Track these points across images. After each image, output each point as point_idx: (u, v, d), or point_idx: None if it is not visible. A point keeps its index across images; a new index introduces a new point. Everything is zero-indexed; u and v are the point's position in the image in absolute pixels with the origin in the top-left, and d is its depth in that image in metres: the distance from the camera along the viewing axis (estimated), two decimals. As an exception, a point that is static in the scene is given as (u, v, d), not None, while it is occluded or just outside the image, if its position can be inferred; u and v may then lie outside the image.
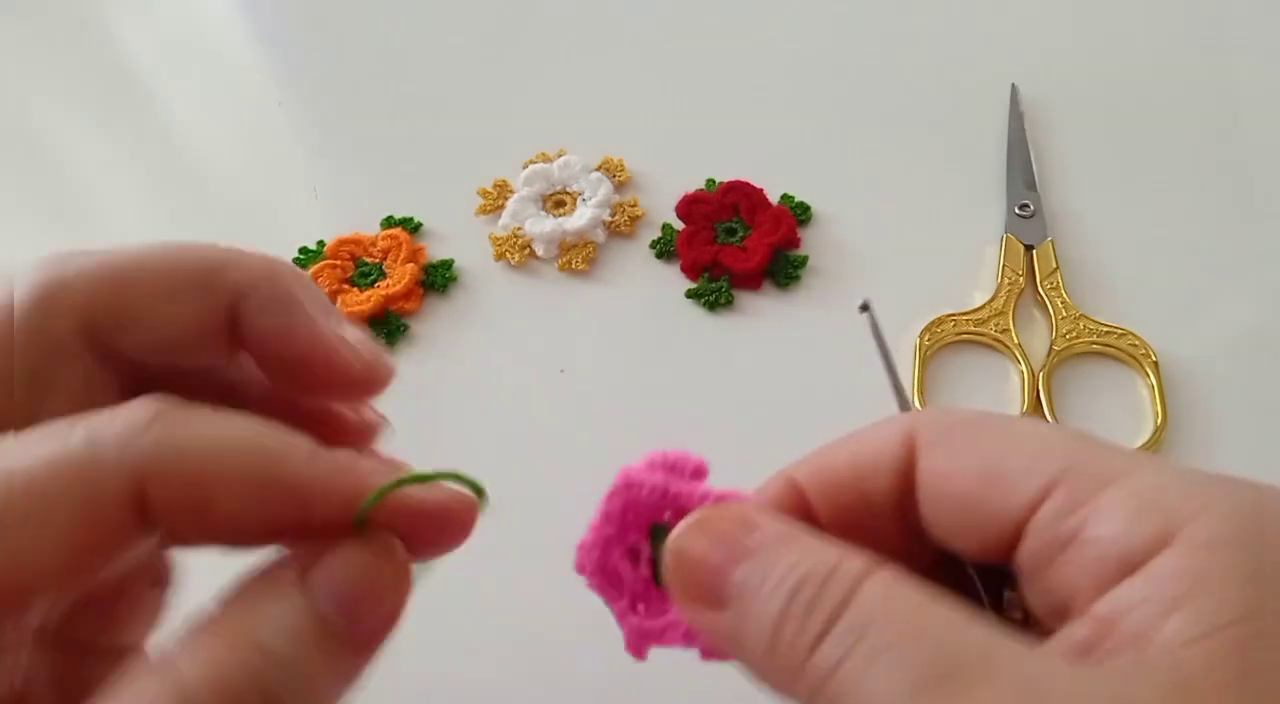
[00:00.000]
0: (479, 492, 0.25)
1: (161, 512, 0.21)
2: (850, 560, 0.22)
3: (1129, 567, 0.21)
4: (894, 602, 0.21)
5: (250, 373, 0.28)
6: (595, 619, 0.27)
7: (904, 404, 0.28)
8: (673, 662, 0.27)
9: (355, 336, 0.27)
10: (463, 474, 0.25)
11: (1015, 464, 0.23)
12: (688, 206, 0.58)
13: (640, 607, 0.27)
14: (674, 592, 0.24)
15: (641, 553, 0.27)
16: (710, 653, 0.26)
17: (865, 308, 0.30)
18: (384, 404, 0.54)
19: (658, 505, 0.26)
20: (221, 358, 0.27)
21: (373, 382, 0.27)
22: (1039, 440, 0.23)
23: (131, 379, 0.26)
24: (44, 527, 0.20)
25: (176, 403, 0.22)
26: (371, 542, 0.23)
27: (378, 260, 0.57)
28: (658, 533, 0.26)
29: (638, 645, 0.26)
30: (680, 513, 0.26)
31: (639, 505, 0.26)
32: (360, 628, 0.22)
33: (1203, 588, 0.20)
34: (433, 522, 0.24)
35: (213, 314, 0.26)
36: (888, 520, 0.25)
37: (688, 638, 0.26)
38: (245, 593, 0.22)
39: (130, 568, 0.24)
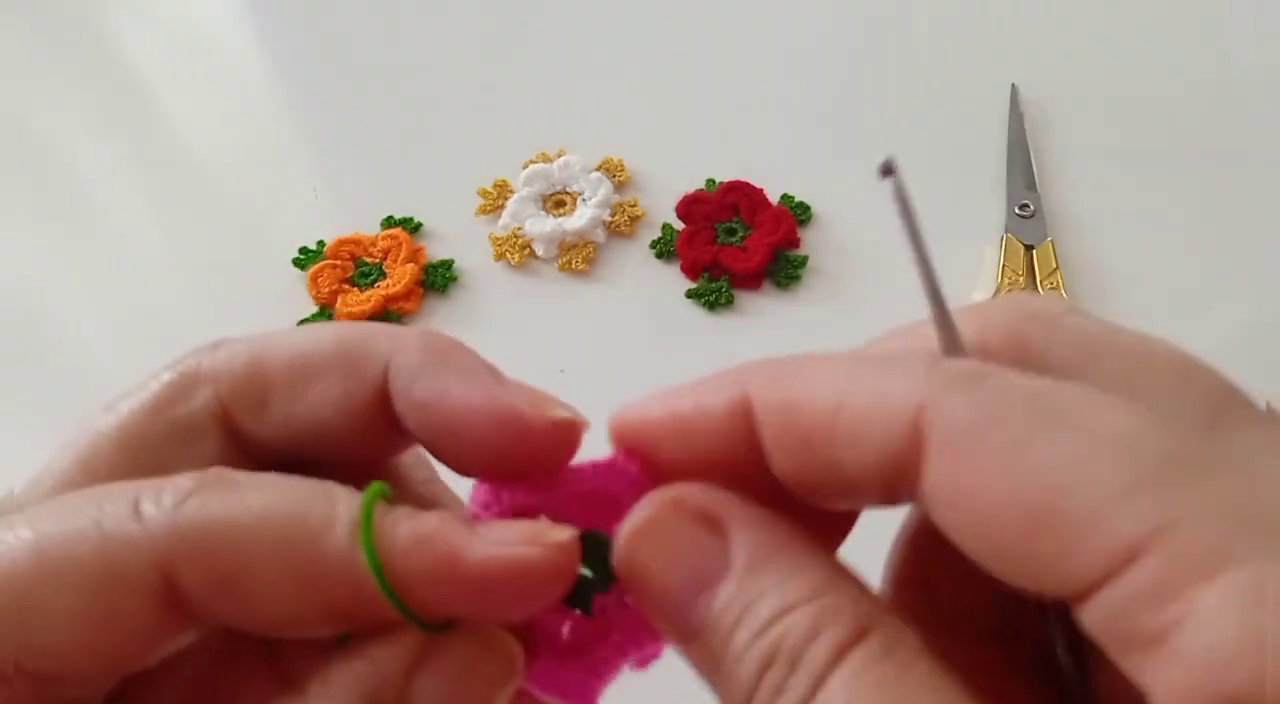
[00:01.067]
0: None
1: (192, 597, 0.19)
2: (831, 628, 0.18)
3: None
4: (864, 698, 0.17)
5: (425, 472, 0.25)
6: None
7: (934, 293, 0.21)
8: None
9: (531, 393, 0.23)
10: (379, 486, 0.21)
11: (1080, 507, 0.16)
12: (688, 206, 0.58)
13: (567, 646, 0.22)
14: (641, 607, 0.21)
15: None
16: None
17: (889, 170, 0.22)
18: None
19: (539, 504, 0.22)
20: (381, 446, 0.24)
21: (558, 442, 0.22)
22: (1116, 469, 0.16)
23: (282, 469, 0.22)
24: (53, 608, 0.19)
25: (227, 473, 0.20)
26: (470, 638, 0.21)
27: (378, 260, 0.57)
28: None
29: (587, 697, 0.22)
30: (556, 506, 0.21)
31: (520, 512, 0.22)
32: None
33: None
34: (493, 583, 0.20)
35: (360, 392, 0.22)
36: (857, 497, 0.20)
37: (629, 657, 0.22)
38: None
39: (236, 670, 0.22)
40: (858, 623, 0.18)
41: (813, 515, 0.20)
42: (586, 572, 0.21)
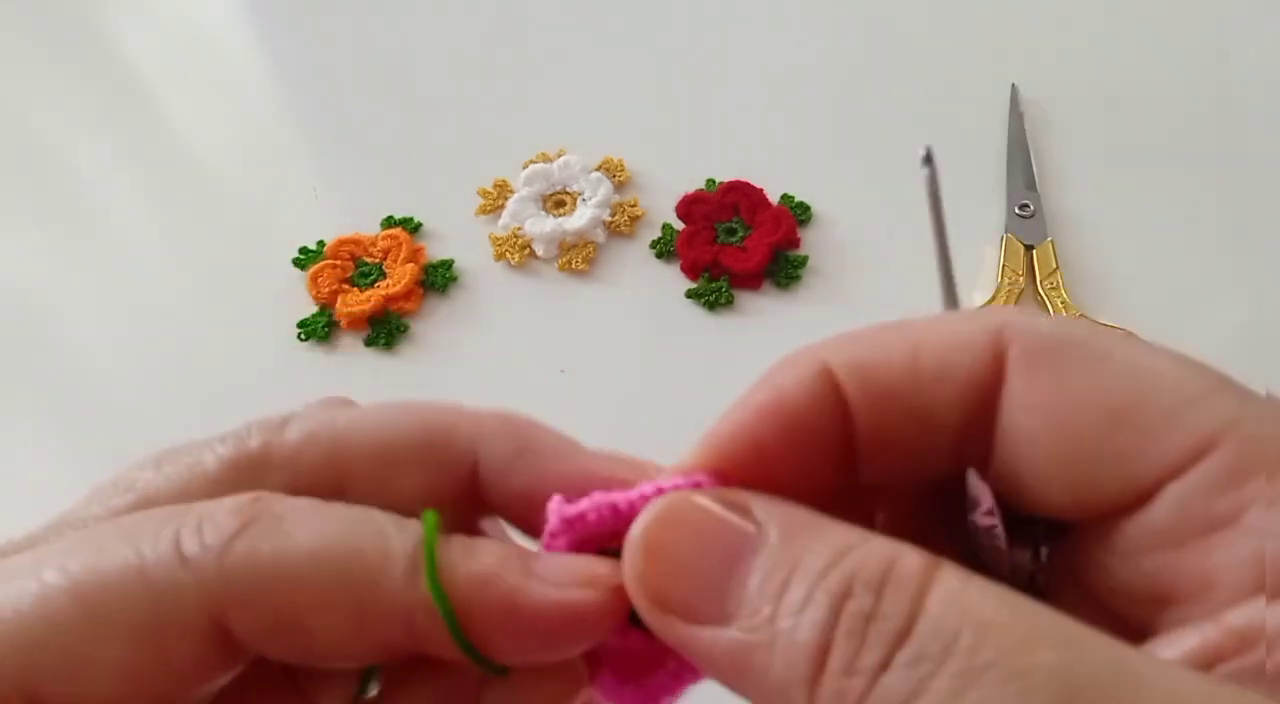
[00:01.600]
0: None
1: (242, 637, 0.19)
2: (907, 554, 0.17)
3: None
4: (980, 609, 0.16)
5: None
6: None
7: (949, 291, 0.23)
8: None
9: (620, 462, 0.22)
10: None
11: (1158, 405, 0.18)
12: (688, 206, 0.58)
13: (618, 666, 0.22)
14: (641, 603, 0.19)
15: None
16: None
17: (929, 159, 0.24)
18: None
19: (611, 531, 0.20)
20: (458, 521, 0.22)
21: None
22: (1188, 377, 0.18)
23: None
24: (101, 659, 0.18)
25: (270, 503, 0.20)
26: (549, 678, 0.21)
27: (378, 260, 0.57)
28: None
29: None
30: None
31: (590, 540, 0.21)
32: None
33: None
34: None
35: (446, 485, 0.22)
36: (935, 448, 0.20)
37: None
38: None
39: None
40: (924, 554, 0.17)
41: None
42: None
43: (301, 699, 0.22)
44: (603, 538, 0.21)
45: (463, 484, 0.22)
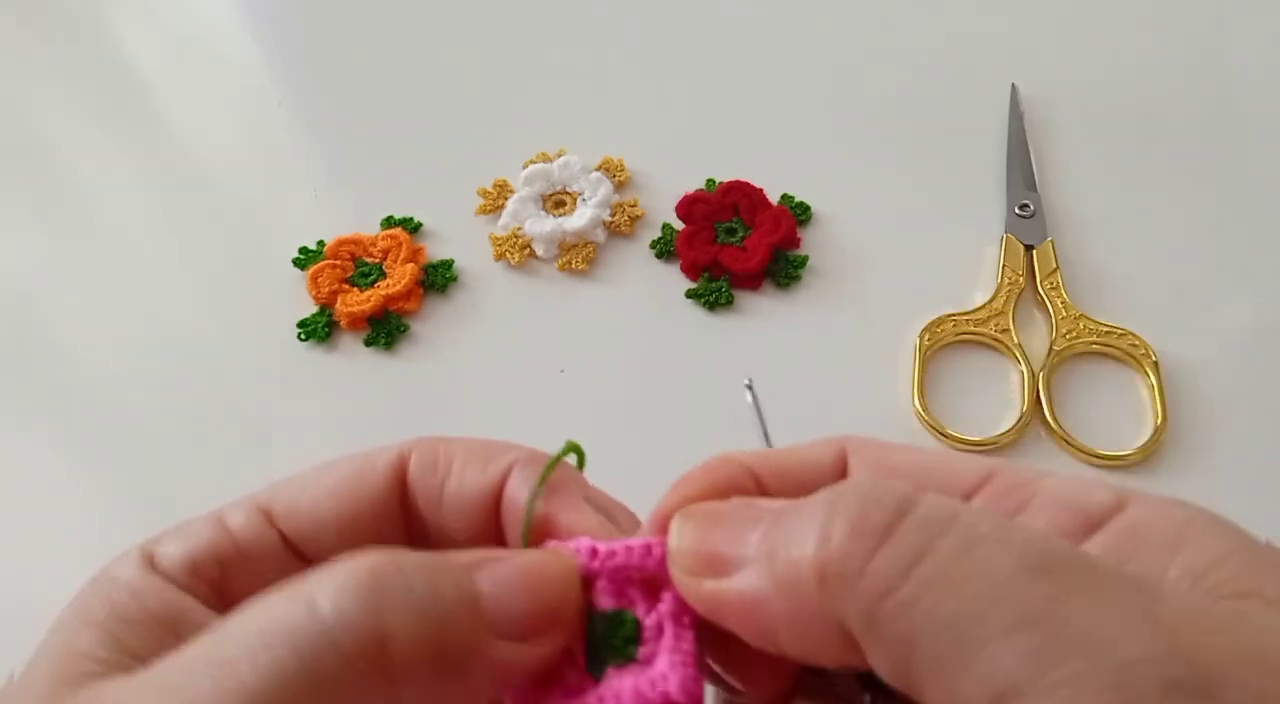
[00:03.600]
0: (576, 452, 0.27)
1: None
2: (886, 483, 0.21)
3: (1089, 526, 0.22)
4: (961, 508, 0.20)
5: None
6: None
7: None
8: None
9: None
10: (573, 443, 0.27)
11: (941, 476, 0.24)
12: (688, 206, 0.58)
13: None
14: (675, 573, 0.24)
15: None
16: None
17: (750, 388, 0.30)
18: (384, 405, 0.54)
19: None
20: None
21: None
22: (959, 460, 0.24)
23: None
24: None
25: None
26: (548, 550, 0.25)
27: (378, 260, 0.57)
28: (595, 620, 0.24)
29: None
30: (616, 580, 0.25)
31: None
32: (504, 606, 0.23)
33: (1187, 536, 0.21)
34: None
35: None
36: None
37: None
38: (422, 554, 0.23)
39: None
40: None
41: None
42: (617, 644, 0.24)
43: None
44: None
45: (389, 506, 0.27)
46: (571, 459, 0.27)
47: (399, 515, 0.27)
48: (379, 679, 0.21)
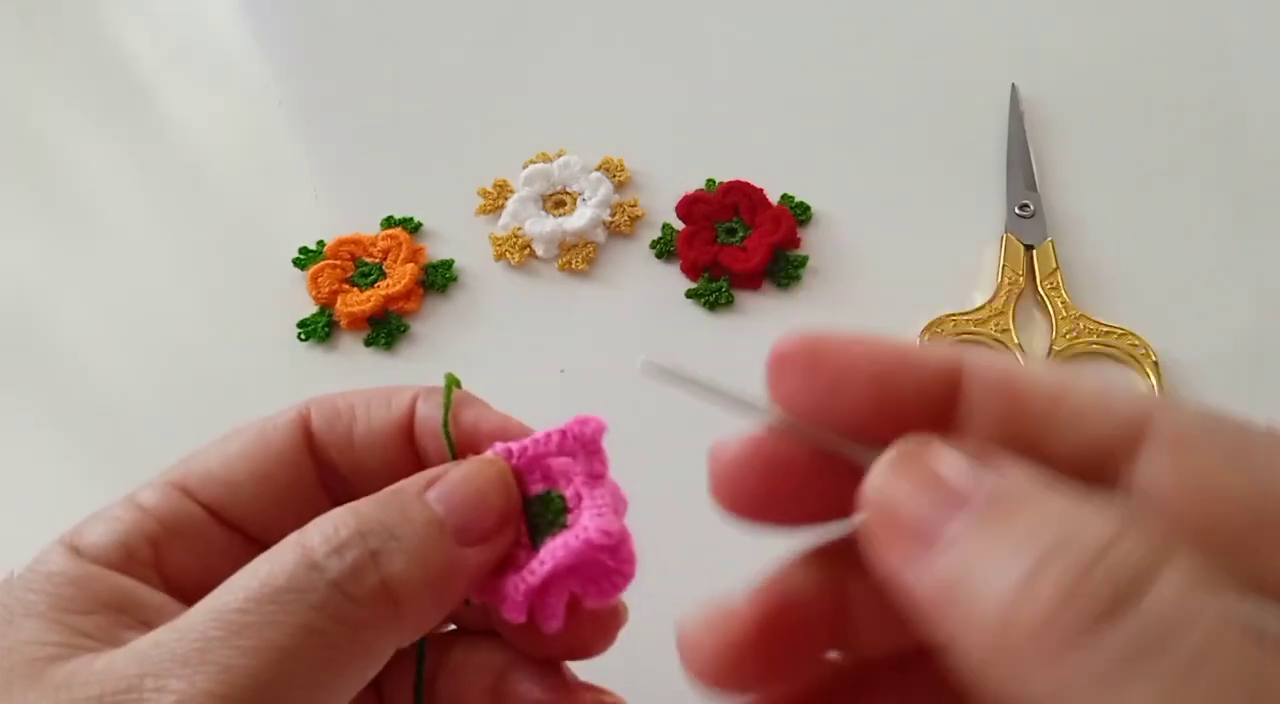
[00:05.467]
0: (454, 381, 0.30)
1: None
2: (1131, 535, 0.16)
3: None
4: (1208, 610, 0.15)
5: None
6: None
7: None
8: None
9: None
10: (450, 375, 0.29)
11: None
12: (688, 206, 0.58)
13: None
14: (874, 536, 0.19)
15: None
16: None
17: (650, 371, 0.27)
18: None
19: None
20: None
21: None
22: (1111, 399, 0.20)
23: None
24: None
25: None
26: (477, 459, 0.28)
27: (378, 260, 0.57)
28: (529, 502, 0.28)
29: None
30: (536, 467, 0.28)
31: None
32: (461, 519, 0.26)
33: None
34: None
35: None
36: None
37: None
38: (378, 496, 0.25)
39: None
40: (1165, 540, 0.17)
41: None
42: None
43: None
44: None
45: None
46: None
47: (309, 466, 0.29)
48: (392, 612, 0.23)
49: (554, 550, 0.27)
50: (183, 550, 0.27)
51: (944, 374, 0.21)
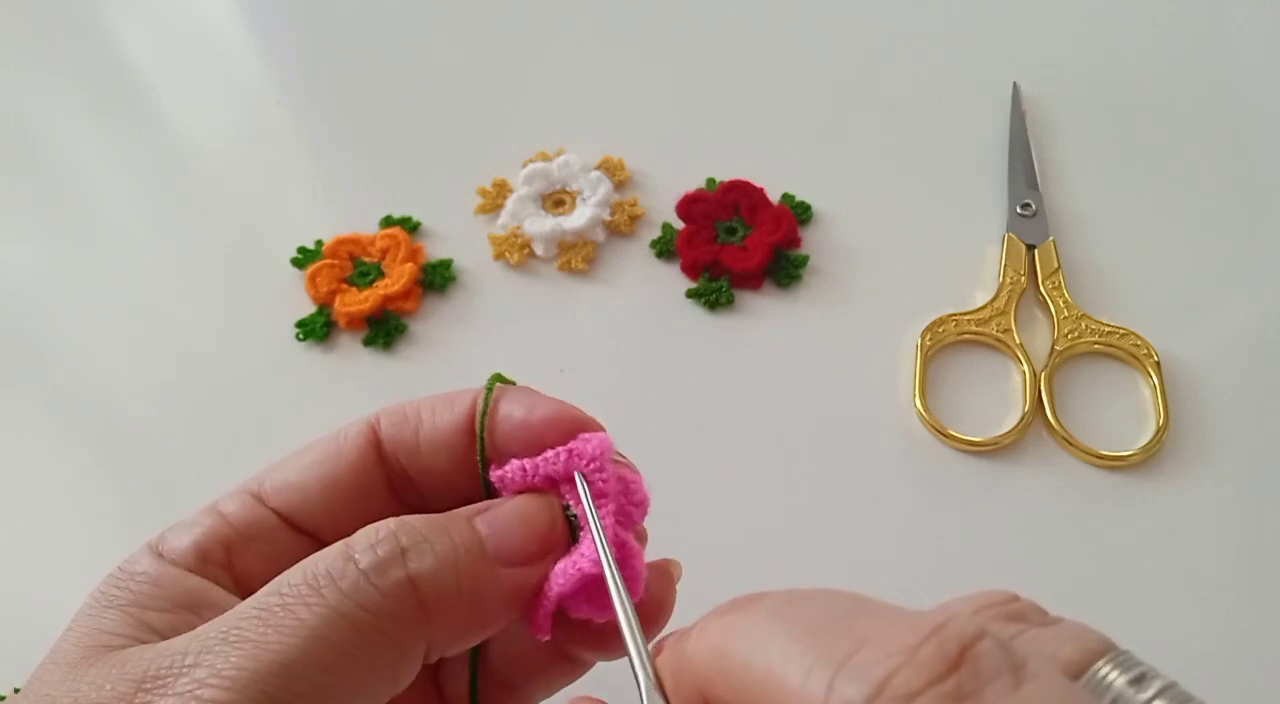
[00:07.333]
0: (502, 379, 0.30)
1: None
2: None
3: None
4: None
5: None
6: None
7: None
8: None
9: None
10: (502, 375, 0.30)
11: None
12: (688, 206, 0.57)
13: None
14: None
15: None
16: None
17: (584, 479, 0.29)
18: (383, 405, 0.54)
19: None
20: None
21: None
22: None
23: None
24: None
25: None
26: (531, 495, 0.28)
27: (376, 260, 0.57)
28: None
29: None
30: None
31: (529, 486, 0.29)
32: (503, 540, 0.27)
33: None
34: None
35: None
36: None
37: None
38: (432, 516, 0.27)
39: None
40: None
41: None
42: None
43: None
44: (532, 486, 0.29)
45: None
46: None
47: (378, 472, 0.30)
48: (416, 608, 0.25)
49: (555, 574, 0.27)
50: (255, 554, 0.28)
51: None
